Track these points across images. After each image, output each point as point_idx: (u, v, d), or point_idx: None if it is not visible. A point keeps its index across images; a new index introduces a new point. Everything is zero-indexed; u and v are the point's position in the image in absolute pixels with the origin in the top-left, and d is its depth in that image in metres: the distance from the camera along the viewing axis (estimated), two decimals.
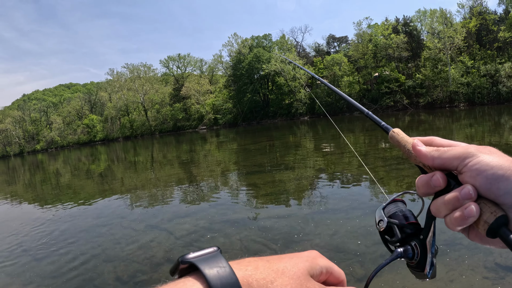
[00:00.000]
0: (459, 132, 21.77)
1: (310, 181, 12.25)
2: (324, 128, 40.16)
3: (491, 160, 0.66)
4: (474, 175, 0.67)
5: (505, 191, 0.63)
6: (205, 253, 0.60)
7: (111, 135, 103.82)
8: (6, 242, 9.54)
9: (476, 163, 0.67)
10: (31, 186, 24.18)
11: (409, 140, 0.86)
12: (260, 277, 0.61)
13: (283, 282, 0.63)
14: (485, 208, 0.66)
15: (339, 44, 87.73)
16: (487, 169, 0.65)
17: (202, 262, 0.57)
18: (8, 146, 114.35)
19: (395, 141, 0.92)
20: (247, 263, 0.64)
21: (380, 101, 61.48)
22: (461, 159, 0.69)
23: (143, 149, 46.98)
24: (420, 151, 0.78)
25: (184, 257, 0.58)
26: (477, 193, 0.67)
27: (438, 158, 0.74)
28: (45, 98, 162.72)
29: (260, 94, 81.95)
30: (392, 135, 0.94)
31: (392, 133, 0.95)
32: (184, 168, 20.74)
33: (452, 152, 0.72)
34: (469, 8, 59.98)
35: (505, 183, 0.63)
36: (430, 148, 0.77)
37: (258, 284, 0.61)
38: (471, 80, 52.02)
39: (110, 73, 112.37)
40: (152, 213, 10.57)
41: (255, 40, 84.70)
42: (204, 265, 0.56)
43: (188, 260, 0.58)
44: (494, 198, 0.65)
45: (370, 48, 63.64)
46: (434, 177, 0.73)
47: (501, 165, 0.65)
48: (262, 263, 0.65)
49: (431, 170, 0.77)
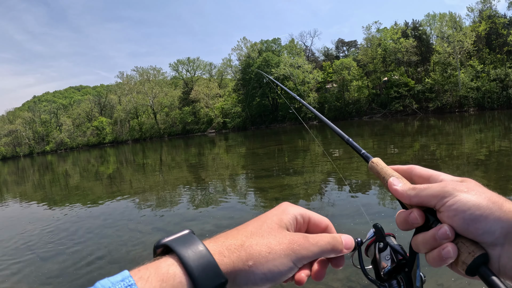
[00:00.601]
0: (468, 137, 21.54)
1: (318, 186, 12.18)
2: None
3: (468, 200, 0.64)
4: (451, 215, 0.65)
5: (483, 231, 0.62)
6: (178, 236, 0.63)
7: (120, 137, 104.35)
8: (13, 241, 9.59)
9: (453, 203, 0.65)
10: (40, 186, 24.30)
11: (388, 172, 0.85)
12: (230, 243, 0.64)
13: (253, 242, 0.66)
14: (463, 248, 0.65)
15: (348, 49, 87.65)
16: (464, 209, 0.64)
17: (175, 242, 0.60)
18: (18, 147, 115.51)
19: (375, 172, 0.90)
20: (218, 236, 0.67)
21: (389, 106, 61.17)
22: (438, 198, 0.68)
23: (152, 152, 47.11)
24: (397, 191, 0.76)
25: (159, 242, 0.62)
26: (454, 232, 0.66)
27: (415, 197, 0.72)
28: (55, 100, 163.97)
29: (269, 98, 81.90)
30: (372, 166, 0.92)
31: (372, 163, 0.93)
32: (192, 171, 20.74)
33: (429, 191, 0.70)
34: (478, 12, 59.50)
35: (483, 223, 0.62)
36: (406, 187, 0.76)
37: (229, 251, 0.63)
38: (480, 84, 51.59)
39: (120, 76, 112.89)
40: (159, 216, 10.56)
41: (264, 44, 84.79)
42: (177, 244, 0.60)
43: (162, 243, 0.62)
44: (472, 237, 0.64)
45: (379, 53, 63.36)
46: (412, 214, 0.71)
47: (478, 204, 0.64)
48: (232, 233, 0.68)
49: (410, 206, 0.75)
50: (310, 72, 72.30)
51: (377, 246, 0.87)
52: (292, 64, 72.03)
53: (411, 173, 0.83)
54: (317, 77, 72.67)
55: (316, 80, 72.84)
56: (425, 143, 20.44)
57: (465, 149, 16.91)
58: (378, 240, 0.86)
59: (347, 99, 67.47)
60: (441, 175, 0.77)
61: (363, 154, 1.04)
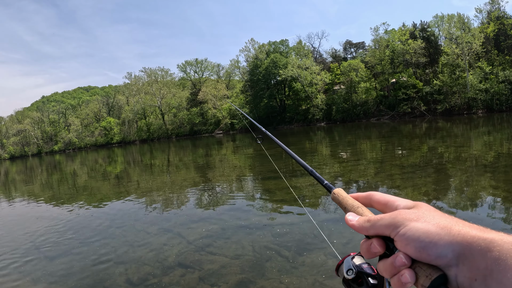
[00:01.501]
0: (477, 139, 21.36)
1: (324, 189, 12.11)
2: (340, 134, 39.89)
3: (417, 229, 0.69)
4: (404, 244, 0.70)
5: (435, 256, 0.66)
6: None
7: (128, 137, 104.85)
8: (20, 240, 9.65)
9: (403, 233, 0.70)
10: (47, 186, 24.45)
11: (348, 202, 0.90)
12: None
13: None
14: (420, 272, 0.68)
15: (356, 50, 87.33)
16: (414, 239, 0.68)
17: None
18: (27, 146, 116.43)
19: (337, 202, 0.95)
20: None
21: (397, 108, 60.91)
22: (391, 228, 0.73)
23: (159, 152, 47.24)
24: (353, 226, 0.82)
25: None
26: (410, 259, 0.70)
27: (371, 228, 0.78)
28: (64, 100, 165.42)
29: (277, 100, 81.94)
30: (334, 197, 0.97)
31: (333, 194, 0.97)
32: (199, 172, 20.76)
33: (381, 222, 0.76)
34: (486, 13, 59.12)
35: (433, 249, 0.66)
36: (362, 220, 0.81)
37: None
38: (489, 86, 51.18)
39: (128, 76, 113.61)
40: (166, 216, 10.57)
41: (272, 46, 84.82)
42: None
43: None
44: (428, 262, 0.68)
45: (387, 54, 63.12)
46: (372, 245, 0.77)
47: (427, 231, 0.68)
48: None
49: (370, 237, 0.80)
50: (318, 73, 72.18)
51: (344, 269, 0.93)
52: (300, 65, 71.96)
53: (371, 199, 0.89)
54: (325, 79, 72.57)
55: (323, 81, 72.74)
56: (433, 146, 20.29)
57: (473, 151, 16.77)
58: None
59: (354, 100, 67.27)
60: (397, 201, 0.82)
61: (325, 185, 1.08)
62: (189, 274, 6.16)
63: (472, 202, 8.63)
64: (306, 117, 73.20)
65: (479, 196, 9.10)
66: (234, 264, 6.36)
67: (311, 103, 72.59)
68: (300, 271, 5.79)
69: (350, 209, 0.90)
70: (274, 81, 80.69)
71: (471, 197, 9.04)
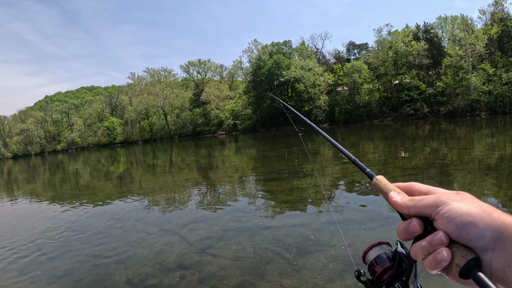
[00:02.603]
0: (480, 142, 21.27)
1: (327, 190, 12.08)
2: (343, 135, 39.82)
3: (460, 208, 0.71)
4: (445, 222, 0.71)
5: (474, 236, 0.68)
6: None
7: (130, 137, 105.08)
8: (20, 239, 9.64)
9: (446, 211, 0.72)
10: (50, 185, 24.48)
11: (390, 187, 0.91)
12: None
13: None
14: (457, 252, 0.69)
15: (359, 51, 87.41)
16: (456, 216, 0.70)
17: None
18: (30, 146, 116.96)
19: (378, 188, 0.95)
20: None
21: (400, 109, 60.78)
22: (434, 207, 0.74)
23: (162, 153, 47.28)
24: (396, 203, 0.83)
25: None
26: (449, 238, 0.71)
27: (413, 207, 0.79)
28: (67, 100, 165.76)
29: None
30: (375, 183, 0.97)
31: (375, 180, 0.98)
32: (201, 173, 20.75)
33: (425, 201, 0.77)
34: (490, 15, 58.96)
35: (474, 228, 0.68)
36: (405, 198, 0.83)
37: None
38: (492, 88, 51.05)
39: (131, 77, 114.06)
40: (167, 217, 10.55)
41: (275, 47, 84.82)
42: None
43: None
44: (465, 242, 0.70)
45: (391, 55, 63.01)
46: (411, 224, 0.78)
47: (469, 212, 0.70)
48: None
49: (409, 217, 0.81)
50: (321, 74, 72.16)
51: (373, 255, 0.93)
52: (303, 66, 71.93)
53: (412, 189, 0.89)
54: (328, 80, 72.54)
55: (326, 82, 72.72)
56: (436, 147, 20.22)
57: (476, 153, 16.69)
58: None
59: (357, 102, 67.17)
60: (438, 189, 0.82)
61: (367, 172, 1.09)
62: (189, 276, 6.13)
63: None
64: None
65: (482, 198, 9.03)
66: (235, 266, 6.32)
67: (314, 104, 72.51)
68: (301, 274, 5.75)
69: None
70: (277, 82, 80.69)
71: None
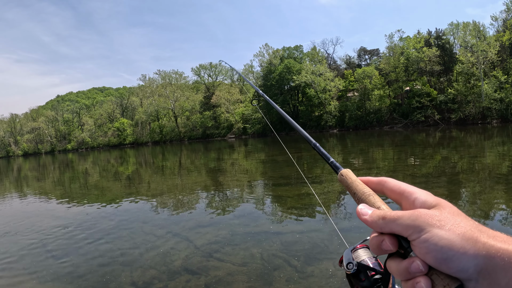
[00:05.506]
0: (491, 150, 21.00)
1: (336, 196, 11.99)
2: (353, 141, 39.62)
3: (440, 238, 0.62)
4: (423, 252, 0.63)
5: (456, 270, 0.61)
6: None
7: (140, 139, 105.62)
8: (27, 238, 9.65)
9: (424, 240, 0.63)
10: (59, 183, 24.60)
11: (358, 188, 0.82)
12: None
13: None
14: (437, 280, 0.63)
15: (370, 57, 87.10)
16: (436, 249, 0.62)
17: None
18: (40, 144, 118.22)
19: (344, 184, 0.87)
20: None
21: (411, 116, 60.43)
22: (410, 232, 0.65)
23: (171, 155, 47.38)
24: (366, 221, 0.73)
25: None
26: (428, 266, 0.64)
27: (386, 227, 0.70)
28: (78, 100, 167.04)
29: (290, 105, 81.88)
30: (341, 178, 0.88)
31: (341, 175, 0.89)
32: (210, 176, 20.73)
33: (399, 222, 0.67)
34: (502, 21, 58.46)
35: (456, 263, 0.61)
36: (375, 216, 0.72)
37: None
38: (504, 95, 50.58)
39: (142, 79, 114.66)
40: (175, 220, 10.51)
41: (286, 51, 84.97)
42: None
43: None
44: (447, 273, 0.62)
45: (402, 61, 62.70)
46: (383, 242, 0.70)
47: (451, 244, 0.61)
48: None
49: None
50: (332, 80, 72.03)
51: (344, 262, 0.88)
52: (314, 71, 71.86)
53: (383, 186, 0.81)
54: (339, 85, 72.39)
55: (337, 88, 72.58)
56: (446, 155, 20.00)
57: (487, 162, 16.49)
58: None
59: (368, 108, 66.90)
60: (415, 193, 0.74)
61: (331, 163, 0.97)
62: (195, 280, 6.07)
63: (485, 214, 8.43)
64: (319, 124, 72.96)
65: (492, 208, 8.89)
66: (241, 271, 6.26)
67: (324, 109, 72.38)
68: (308, 282, 5.67)
69: (361, 196, 0.81)
70: (287, 87, 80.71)
71: (484, 209, 8.83)
